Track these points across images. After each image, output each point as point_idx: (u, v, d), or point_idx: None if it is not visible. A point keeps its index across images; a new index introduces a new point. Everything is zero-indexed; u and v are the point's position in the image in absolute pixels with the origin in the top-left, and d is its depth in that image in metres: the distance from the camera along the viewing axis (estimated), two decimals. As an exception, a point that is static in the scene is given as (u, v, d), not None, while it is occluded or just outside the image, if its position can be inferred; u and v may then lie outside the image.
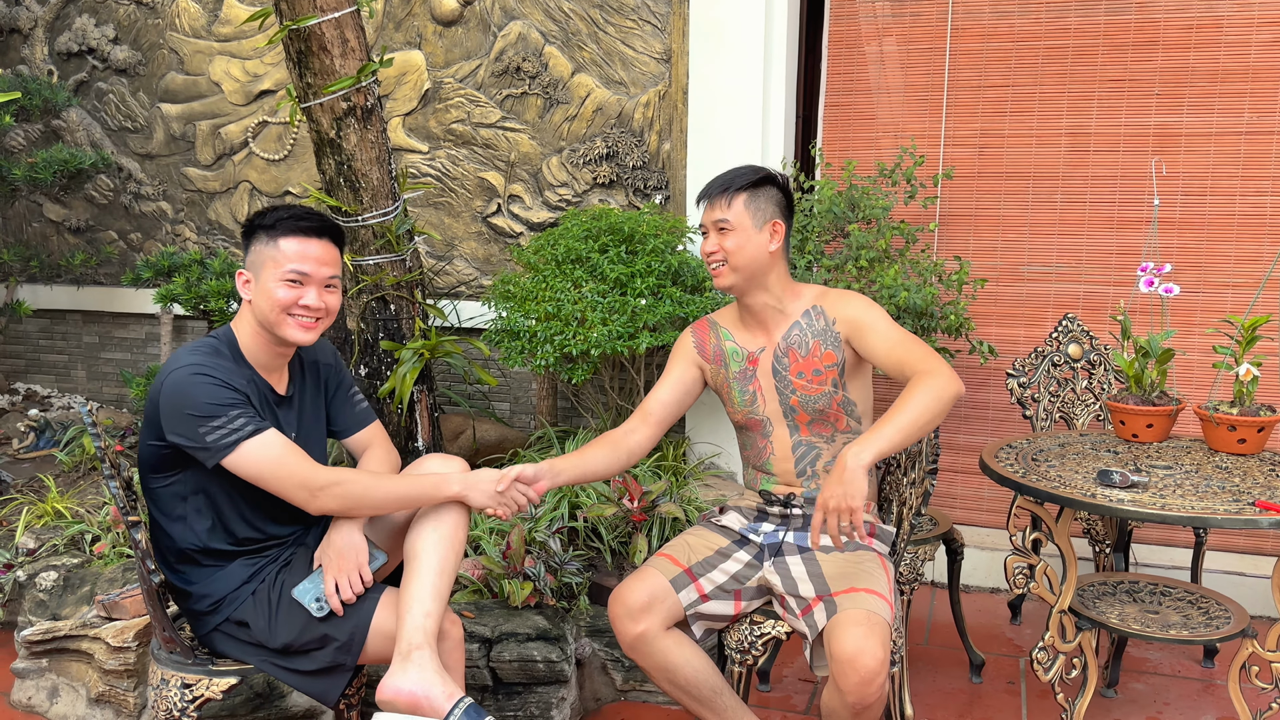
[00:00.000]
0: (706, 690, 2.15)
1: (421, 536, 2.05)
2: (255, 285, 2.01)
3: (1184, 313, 3.36)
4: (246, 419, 1.91)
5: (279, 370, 2.10)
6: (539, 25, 3.78)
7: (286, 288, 1.98)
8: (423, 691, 1.86)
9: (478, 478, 2.06)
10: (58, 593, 2.84)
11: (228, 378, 1.93)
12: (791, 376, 2.24)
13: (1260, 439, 2.42)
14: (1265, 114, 3.24)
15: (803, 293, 2.28)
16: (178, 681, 2.03)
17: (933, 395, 2.02)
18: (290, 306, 1.99)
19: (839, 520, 1.92)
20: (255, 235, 2.02)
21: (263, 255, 1.99)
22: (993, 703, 2.81)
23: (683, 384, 2.36)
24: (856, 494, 1.91)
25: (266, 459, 1.91)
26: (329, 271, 2.03)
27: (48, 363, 4.79)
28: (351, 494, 1.96)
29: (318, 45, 2.69)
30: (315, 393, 2.19)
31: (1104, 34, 3.35)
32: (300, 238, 1.99)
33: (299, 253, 1.99)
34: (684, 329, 3.14)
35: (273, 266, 1.98)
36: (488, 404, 4.02)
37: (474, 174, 3.95)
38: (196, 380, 1.90)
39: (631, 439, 2.31)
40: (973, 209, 3.54)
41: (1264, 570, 3.31)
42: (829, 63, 3.65)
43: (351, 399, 2.25)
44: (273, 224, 1.99)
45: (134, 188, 4.47)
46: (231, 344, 2.03)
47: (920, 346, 2.13)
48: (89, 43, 4.40)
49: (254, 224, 2.02)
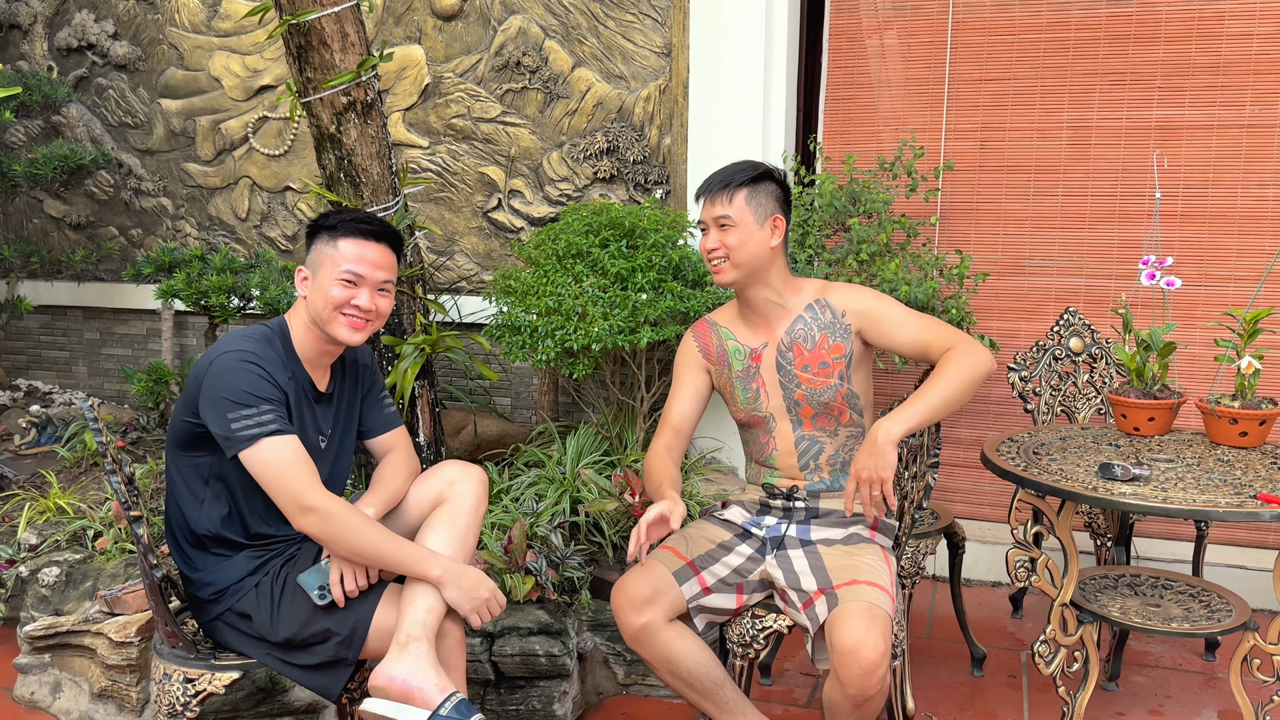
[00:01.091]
0: (708, 683, 2.16)
1: (433, 537, 2.06)
2: (312, 282, 2.04)
3: (1186, 306, 3.36)
4: (275, 416, 1.92)
5: (323, 369, 2.13)
6: (539, 20, 3.77)
7: (341, 287, 2.01)
8: (416, 682, 1.86)
9: (463, 575, 1.98)
10: (60, 588, 2.84)
11: (272, 370, 1.96)
12: (797, 370, 2.24)
13: (1262, 432, 2.42)
14: (1267, 107, 3.23)
15: (803, 287, 2.28)
16: (180, 676, 2.03)
17: (965, 371, 2.07)
18: (343, 306, 2.02)
19: (870, 490, 2.02)
20: (318, 235, 2.06)
21: (322, 254, 2.03)
22: (994, 696, 2.81)
23: (697, 393, 2.38)
24: (887, 466, 2.00)
25: (275, 461, 1.90)
26: (384, 275, 2.06)
27: (49, 359, 4.79)
28: (333, 531, 1.92)
29: (318, 40, 2.68)
30: (353, 392, 2.21)
31: (1105, 26, 3.34)
32: (359, 240, 2.03)
33: (357, 254, 2.02)
34: (685, 324, 3.15)
35: (330, 266, 2.02)
36: (489, 399, 4.02)
37: (474, 169, 3.95)
38: (242, 366, 1.92)
39: (673, 452, 2.35)
40: (974, 203, 3.54)
41: (1265, 563, 3.31)
42: (829, 56, 3.64)
43: (381, 401, 2.26)
44: (335, 225, 2.04)
45: (134, 183, 4.46)
46: (284, 335, 2.06)
47: (943, 326, 2.16)
48: (89, 38, 4.40)
49: (318, 224, 2.07)
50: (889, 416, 2.05)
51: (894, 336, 2.19)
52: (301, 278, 2.07)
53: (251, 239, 4.31)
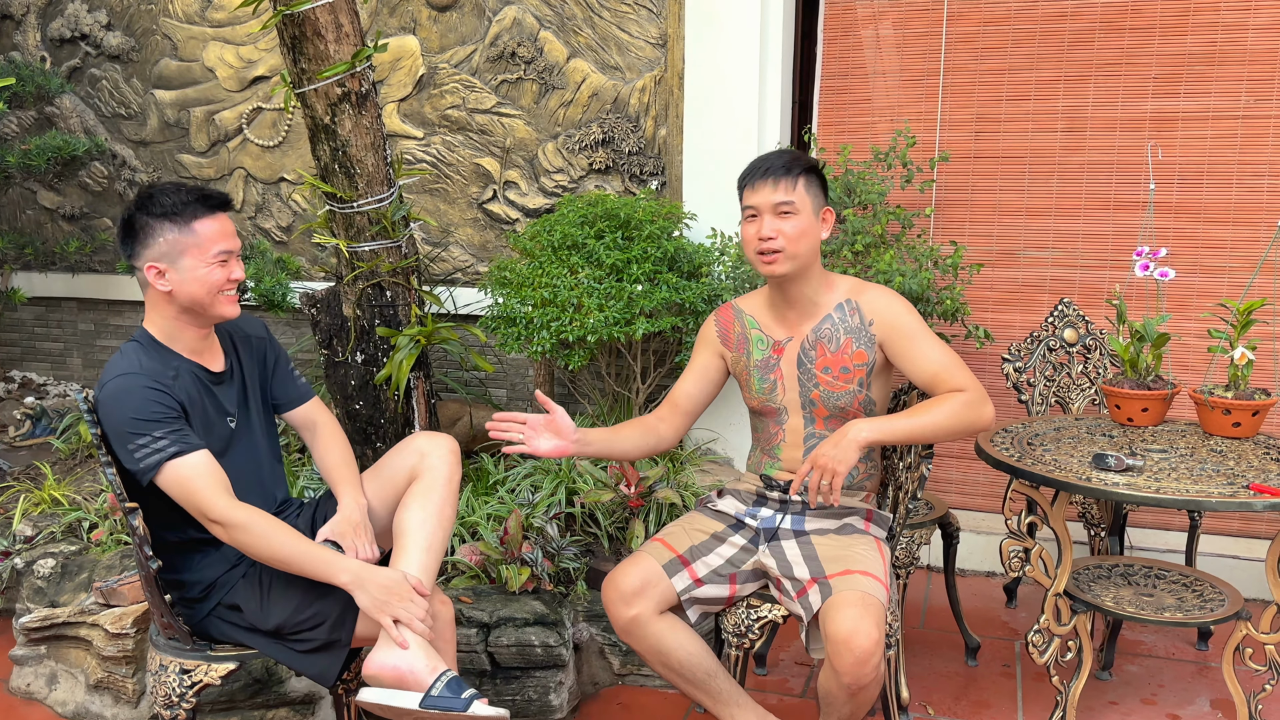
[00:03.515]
0: (700, 673, 2.16)
1: (409, 514, 2.05)
2: (174, 274, 1.97)
3: (1180, 297, 3.36)
4: (170, 438, 1.90)
5: (208, 350, 2.09)
6: (534, 10, 3.76)
7: (218, 267, 1.99)
8: (406, 665, 1.87)
9: (371, 579, 1.91)
10: (56, 580, 2.84)
11: (155, 377, 1.93)
12: (817, 371, 2.21)
13: (1255, 422, 2.43)
14: (1262, 98, 3.23)
15: (836, 284, 2.24)
16: (176, 667, 2.03)
17: (963, 416, 2.05)
18: (224, 285, 2.00)
19: (820, 478, 2.01)
20: (156, 226, 1.96)
21: (177, 244, 1.96)
22: (988, 685, 2.83)
23: (707, 375, 2.36)
24: (845, 461, 2.00)
25: (180, 481, 1.90)
26: (238, 241, 2.06)
27: (43, 350, 4.78)
28: (245, 540, 1.91)
29: (312, 30, 2.67)
30: (253, 366, 2.18)
31: (1101, 17, 3.34)
32: (211, 216, 1.99)
33: (219, 231, 2.00)
34: (680, 315, 3.15)
35: (196, 252, 1.97)
36: (484, 390, 4.02)
37: (469, 160, 3.94)
38: (124, 391, 1.90)
39: (662, 426, 2.33)
40: (969, 194, 3.54)
41: (1258, 553, 3.32)
42: (824, 47, 3.64)
43: (291, 373, 2.26)
44: (178, 210, 1.96)
45: (128, 174, 4.45)
46: (150, 341, 2.03)
47: (963, 368, 2.11)
48: (82, 29, 4.38)
49: (151, 212, 1.97)
50: (869, 419, 2.05)
51: (913, 362, 2.14)
52: (156, 273, 1.97)
53: (246, 230, 4.30)
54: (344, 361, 2.95)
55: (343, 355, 2.95)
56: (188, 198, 1.98)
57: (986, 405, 2.07)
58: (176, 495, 1.91)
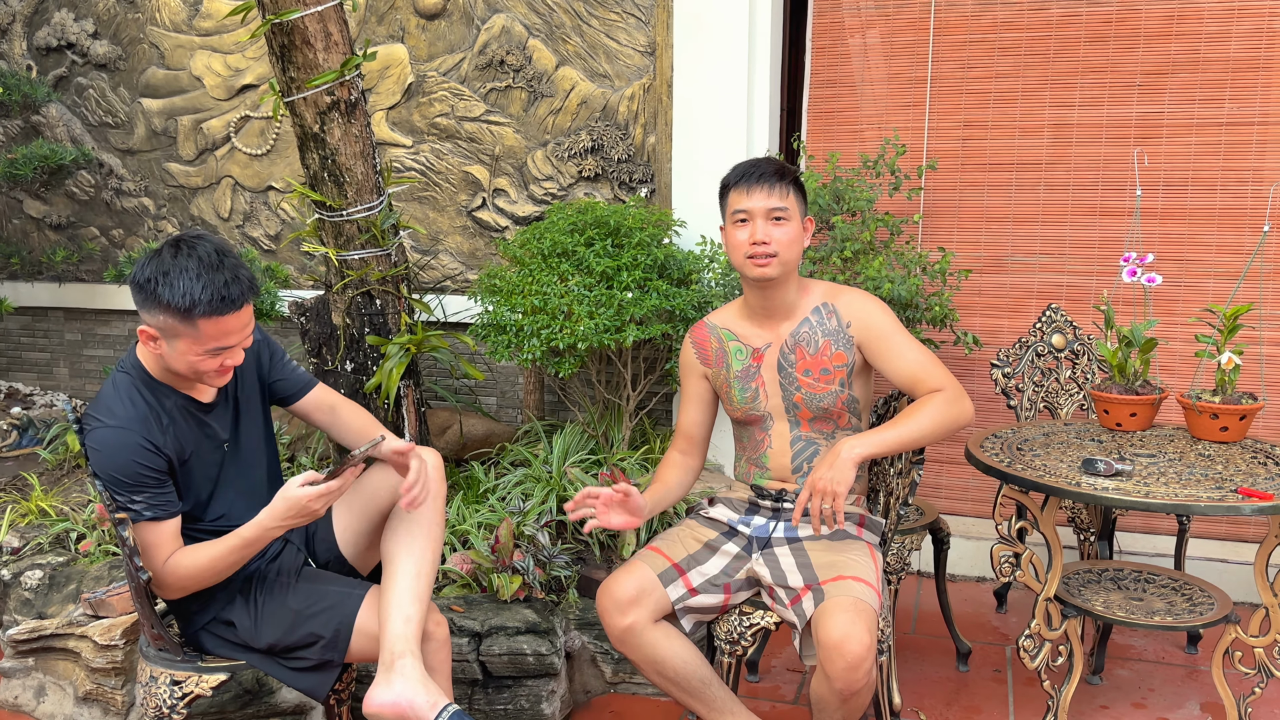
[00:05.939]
0: (695, 681, 2.16)
1: (396, 538, 2.03)
2: (166, 348, 1.89)
3: (1166, 302, 3.39)
4: (146, 504, 1.89)
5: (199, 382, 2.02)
6: (522, 18, 3.77)
7: (209, 359, 1.90)
8: (406, 701, 1.87)
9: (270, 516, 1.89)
10: (43, 591, 2.82)
11: (147, 433, 1.88)
12: (798, 374, 2.23)
13: (1242, 427, 2.44)
14: (1245, 105, 3.26)
15: (812, 288, 2.28)
16: (167, 678, 2.02)
17: (944, 416, 2.09)
18: (212, 373, 1.93)
19: (821, 502, 2.02)
20: (159, 305, 1.84)
21: (176, 329, 1.85)
22: (979, 691, 2.83)
23: (703, 399, 2.39)
24: (843, 482, 2.00)
25: (143, 540, 1.92)
26: (248, 331, 1.94)
27: (30, 360, 4.76)
28: (187, 583, 1.93)
29: (301, 39, 2.67)
30: (248, 373, 2.12)
31: (1086, 25, 3.36)
32: (216, 318, 1.85)
33: (219, 333, 1.87)
34: (670, 323, 3.16)
35: (192, 343, 1.87)
36: (474, 398, 4.02)
37: (458, 168, 3.94)
38: (109, 449, 1.88)
39: (689, 460, 2.40)
40: (956, 200, 3.56)
41: (1246, 557, 3.34)
42: (813, 55, 3.65)
43: (290, 364, 2.19)
44: (188, 307, 1.82)
45: (115, 184, 4.43)
46: (142, 375, 1.96)
47: (939, 366, 2.15)
48: (68, 37, 4.36)
49: (159, 298, 1.83)
50: (858, 436, 2.07)
51: (889, 363, 2.18)
52: (149, 337, 1.89)
53: (234, 239, 4.29)
54: (333, 370, 2.95)
55: (332, 364, 2.94)
56: (201, 296, 1.82)
57: (964, 400, 2.12)
58: (139, 546, 1.92)
